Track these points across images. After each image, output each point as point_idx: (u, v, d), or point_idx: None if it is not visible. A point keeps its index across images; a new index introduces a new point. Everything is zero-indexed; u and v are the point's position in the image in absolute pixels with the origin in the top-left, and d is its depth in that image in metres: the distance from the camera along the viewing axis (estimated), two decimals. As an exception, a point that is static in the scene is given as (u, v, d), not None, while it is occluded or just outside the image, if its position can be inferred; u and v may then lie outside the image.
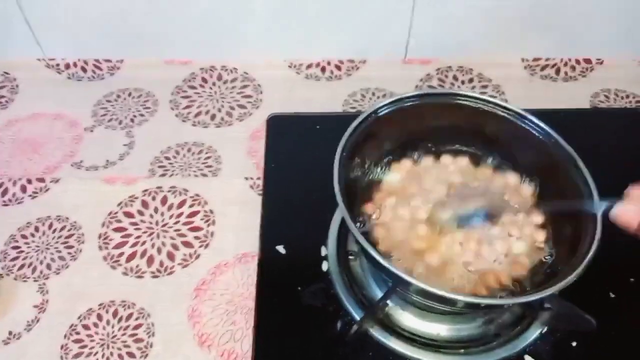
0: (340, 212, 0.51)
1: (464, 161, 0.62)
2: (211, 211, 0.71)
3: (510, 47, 0.89)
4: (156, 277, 0.65)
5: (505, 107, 0.58)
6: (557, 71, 0.90)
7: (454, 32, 0.87)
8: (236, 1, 0.81)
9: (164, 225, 0.70)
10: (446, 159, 0.63)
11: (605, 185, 0.51)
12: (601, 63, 0.90)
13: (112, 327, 0.61)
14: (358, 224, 0.57)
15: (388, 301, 0.55)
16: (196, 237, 0.68)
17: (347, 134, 0.55)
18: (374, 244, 0.55)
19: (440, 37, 0.88)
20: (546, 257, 0.56)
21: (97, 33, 0.86)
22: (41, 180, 0.74)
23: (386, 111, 0.58)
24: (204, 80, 0.89)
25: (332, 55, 0.89)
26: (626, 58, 0.91)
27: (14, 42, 0.86)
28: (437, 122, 0.61)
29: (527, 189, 0.60)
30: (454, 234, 0.56)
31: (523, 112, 0.58)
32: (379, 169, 0.62)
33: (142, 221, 0.70)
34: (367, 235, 0.56)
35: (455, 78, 0.90)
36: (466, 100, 0.59)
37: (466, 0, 0.82)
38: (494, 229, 0.56)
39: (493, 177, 0.61)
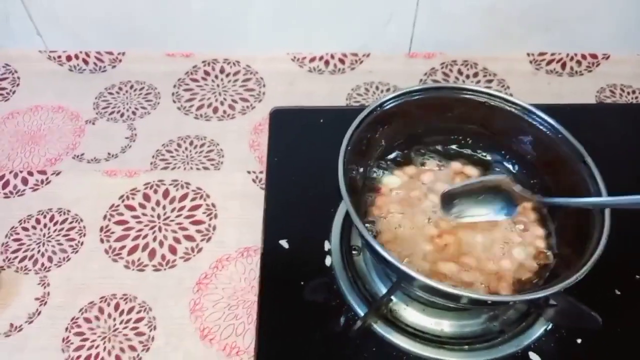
0: (345, 206, 0.51)
1: (472, 170, 0.61)
2: (213, 205, 0.71)
3: (515, 41, 0.88)
4: (158, 270, 0.65)
5: (512, 102, 0.57)
6: (563, 66, 0.90)
7: (459, 26, 0.86)
8: (239, -7, 0.81)
9: (165, 219, 0.69)
10: (454, 165, 0.62)
11: (612, 181, 0.51)
12: (607, 58, 0.90)
13: (114, 320, 0.60)
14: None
15: (392, 297, 0.55)
16: (198, 231, 0.68)
17: (352, 127, 0.54)
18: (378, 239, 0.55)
19: (445, 31, 0.87)
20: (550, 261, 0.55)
21: (99, 25, 0.85)
22: (42, 172, 0.74)
23: (392, 105, 0.57)
24: (207, 73, 0.88)
25: (335, 49, 0.89)
26: (632, 53, 0.90)
27: (16, 34, 0.86)
28: (443, 116, 0.60)
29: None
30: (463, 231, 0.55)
31: (530, 107, 0.57)
32: (381, 171, 0.61)
33: (143, 214, 0.70)
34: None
35: (459, 72, 0.89)
36: (473, 95, 0.58)
37: (472, -6, 0.81)
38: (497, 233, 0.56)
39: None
